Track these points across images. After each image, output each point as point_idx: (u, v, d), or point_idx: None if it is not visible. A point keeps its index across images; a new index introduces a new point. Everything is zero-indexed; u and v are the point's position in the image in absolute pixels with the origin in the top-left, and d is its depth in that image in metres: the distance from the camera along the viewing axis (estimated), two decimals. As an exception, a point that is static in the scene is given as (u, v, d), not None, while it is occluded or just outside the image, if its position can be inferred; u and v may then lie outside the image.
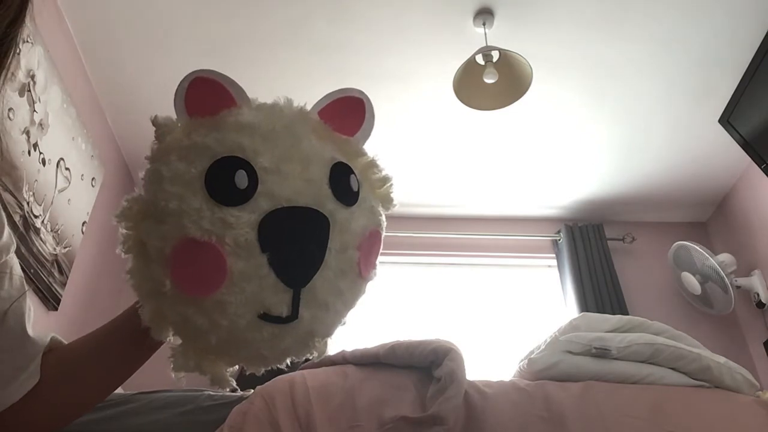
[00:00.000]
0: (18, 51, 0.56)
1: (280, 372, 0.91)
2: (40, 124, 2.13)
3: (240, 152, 0.60)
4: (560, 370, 1.49)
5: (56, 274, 2.28)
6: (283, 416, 1.21)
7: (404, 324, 3.04)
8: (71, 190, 2.39)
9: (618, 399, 1.34)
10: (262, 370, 0.68)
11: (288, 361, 0.67)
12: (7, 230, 0.67)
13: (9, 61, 0.55)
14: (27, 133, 2.03)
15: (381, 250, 0.71)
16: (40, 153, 2.13)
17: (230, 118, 0.63)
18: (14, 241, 0.68)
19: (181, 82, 0.63)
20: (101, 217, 2.71)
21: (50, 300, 2.24)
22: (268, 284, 0.58)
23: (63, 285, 2.34)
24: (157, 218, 0.60)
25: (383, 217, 0.71)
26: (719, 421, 1.30)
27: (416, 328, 2.93)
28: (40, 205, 2.14)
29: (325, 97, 0.70)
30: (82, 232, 2.52)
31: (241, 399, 1.31)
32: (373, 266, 0.70)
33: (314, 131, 0.66)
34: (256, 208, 0.58)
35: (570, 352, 1.52)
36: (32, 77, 2.06)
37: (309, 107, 0.68)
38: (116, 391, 1.45)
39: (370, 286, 0.70)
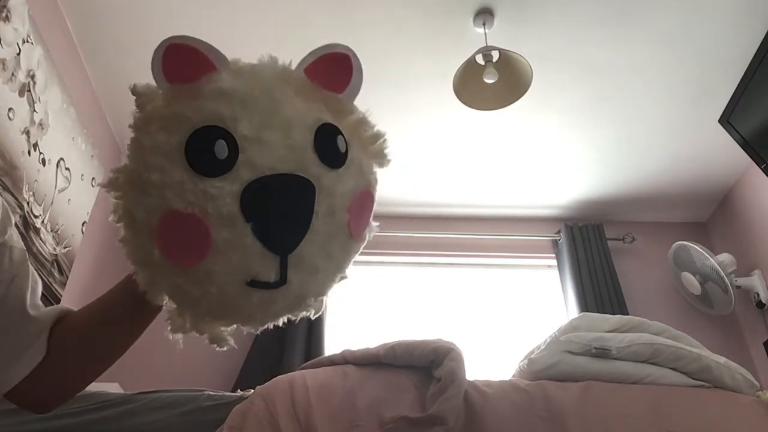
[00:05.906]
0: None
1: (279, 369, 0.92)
2: (40, 124, 2.13)
3: (219, 121, 0.59)
4: (560, 370, 1.49)
5: (56, 274, 2.28)
6: (283, 416, 1.21)
7: (404, 324, 3.03)
8: (71, 190, 2.39)
9: (618, 399, 1.34)
10: (259, 329, 0.69)
11: (284, 318, 0.68)
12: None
13: None
14: (27, 133, 2.03)
15: (373, 214, 0.70)
16: (40, 153, 2.13)
17: (209, 85, 0.62)
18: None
19: (156, 50, 0.62)
20: (101, 217, 2.71)
21: (50, 300, 2.24)
22: (254, 252, 0.58)
23: (63, 285, 2.34)
24: (141, 189, 0.60)
25: (375, 176, 0.70)
26: (719, 421, 1.30)
27: (416, 328, 2.93)
28: (40, 205, 2.14)
29: (310, 53, 0.67)
30: (82, 232, 2.52)
31: (241, 399, 1.31)
32: (366, 226, 0.70)
33: (299, 91, 0.65)
34: (237, 178, 0.58)
35: (570, 352, 1.52)
36: (32, 77, 2.06)
37: (294, 65, 0.67)
38: (116, 391, 1.45)
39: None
